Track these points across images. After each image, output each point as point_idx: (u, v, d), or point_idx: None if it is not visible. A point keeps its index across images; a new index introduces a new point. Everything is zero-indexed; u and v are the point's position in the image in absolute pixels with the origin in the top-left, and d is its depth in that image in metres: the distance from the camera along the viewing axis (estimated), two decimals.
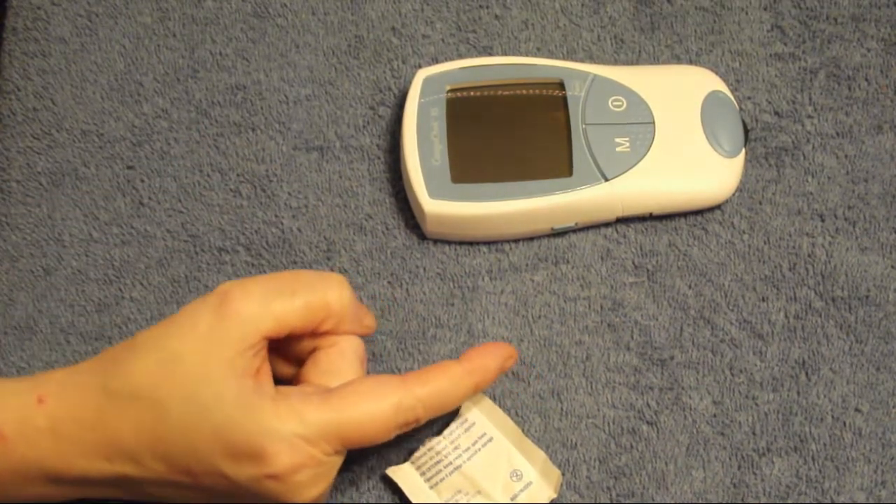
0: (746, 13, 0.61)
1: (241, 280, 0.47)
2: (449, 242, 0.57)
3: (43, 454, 0.46)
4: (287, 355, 0.50)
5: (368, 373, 0.55)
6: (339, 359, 0.49)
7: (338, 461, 0.47)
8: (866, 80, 0.60)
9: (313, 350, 0.50)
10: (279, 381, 0.50)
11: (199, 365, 0.45)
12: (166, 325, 0.47)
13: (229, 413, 0.44)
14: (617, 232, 0.58)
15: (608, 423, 0.54)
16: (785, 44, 0.61)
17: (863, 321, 0.56)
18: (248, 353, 0.46)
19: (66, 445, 0.46)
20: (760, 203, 0.58)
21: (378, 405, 0.46)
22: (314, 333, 0.49)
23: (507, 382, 0.55)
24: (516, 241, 0.57)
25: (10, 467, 0.46)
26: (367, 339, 0.56)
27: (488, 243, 0.57)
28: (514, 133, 0.56)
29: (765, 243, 0.57)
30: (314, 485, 0.46)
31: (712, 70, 0.59)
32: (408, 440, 0.53)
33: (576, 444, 0.54)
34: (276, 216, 0.58)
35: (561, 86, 0.57)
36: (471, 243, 0.57)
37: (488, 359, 0.49)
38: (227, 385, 0.45)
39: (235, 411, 0.45)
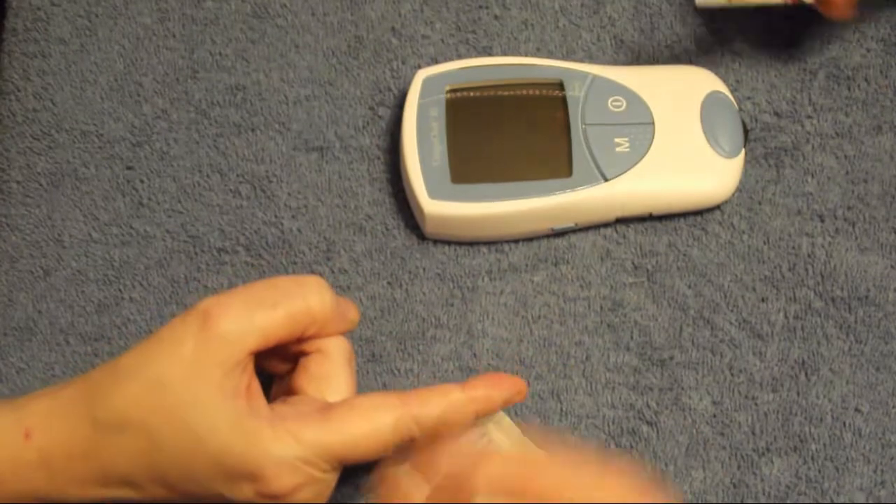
0: (745, 13, 0.61)
1: (220, 296, 0.46)
2: (448, 243, 0.57)
3: (36, 486, 0.46)
4: (274, 357, 0.50)
5: (368, 374, 0.55)
6: (328, 363, 0.49)
7: (335, 476, 0.47)
8: (866, 80, 0.60)
9: (300, 353, 0.49)
10: (271, 379, 0.51)
11: (187, 391, 0.45)
12: (149, 347, 0.46)
13: (225, 440, 0.44)
14: (616, 232, 0.58)
15: (608, 424, 0.54)
16: (784, 44, 0.61)
17: (862, 321, 0.56)
18: (236, 371, 0.45)
19: (59, 477, 0.46)
20: (760, 203, 0.58)
21: (375, 424, 0.45)
22: (299, 339, 0.48)
23: None
24: (516, 241, 0.57)
25: (6, 502, 0.46)
26: (368, 339, 0.56)
27: (488, 244, 0.57)
28: (514, 133, 0.56)
29: (764, 243, 0.57)
30: (312, 500, 0.46)
31: (711, 70, 0.59)
32: None
33: (575, 443, 0.54)
34: (275, 216, 0.58)
35: (560, 86, 0.57)
36: (470, 244, 0.57)
37: (495, 391, 0.48)
38: (221, 410, 0.44)
39: (231, 437, 0.44)
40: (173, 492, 0.45)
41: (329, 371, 0.49)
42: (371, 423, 0.46)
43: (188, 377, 0.45)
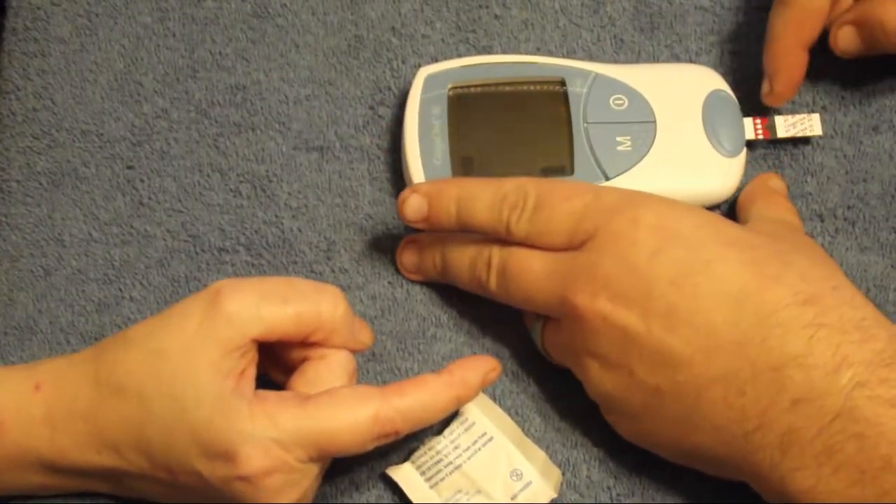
0: (745, 13, 0.62)
1: (236, 280, 0.47)
2: None
3: (38, 442, 0.47)
4: (280, 363, 0.51)
5: (369, 373, 0.55)
6: (326, 371, 0.49)
7: (312, 469, 0.47)
8: (864, 80, 0.60)
9: (304, 360, 0.50)
10: (274, 387, 0.51)
11: (183, 362, 0.45)
12: (159, 319, 0.47)
13: (206, 414, 0.45)
14: None
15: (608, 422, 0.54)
16: None
17: None
18: (235, 354, 0.46)
19: (60, 435, 0.47)
20: None
21: (355, 414, 0.46)
22: (305, 343, 0.49)
23: (507, 382, 0.55)
24: None
25: (6, 454, 0.47)
26: None
27: None
28: (516, 132, 0.56)
29: None
30: (285, 491, 0.46)
31: (713, 69, 0.59)
32: (408, 439, 0.53)
33: (576, 443, 0.54)
34: (276, 216, 0.58)
35: (562, 84, 0.57)
36: None
37: (469, 372, 0.49)
38: (209, 386, 0.45)
39: (212, 411, 0.45)
40: (155, 466, 0.46)
41: (325, 378, 0.49)
42: (350, 412, 0.46)
43: (187, 349, 0.45)
